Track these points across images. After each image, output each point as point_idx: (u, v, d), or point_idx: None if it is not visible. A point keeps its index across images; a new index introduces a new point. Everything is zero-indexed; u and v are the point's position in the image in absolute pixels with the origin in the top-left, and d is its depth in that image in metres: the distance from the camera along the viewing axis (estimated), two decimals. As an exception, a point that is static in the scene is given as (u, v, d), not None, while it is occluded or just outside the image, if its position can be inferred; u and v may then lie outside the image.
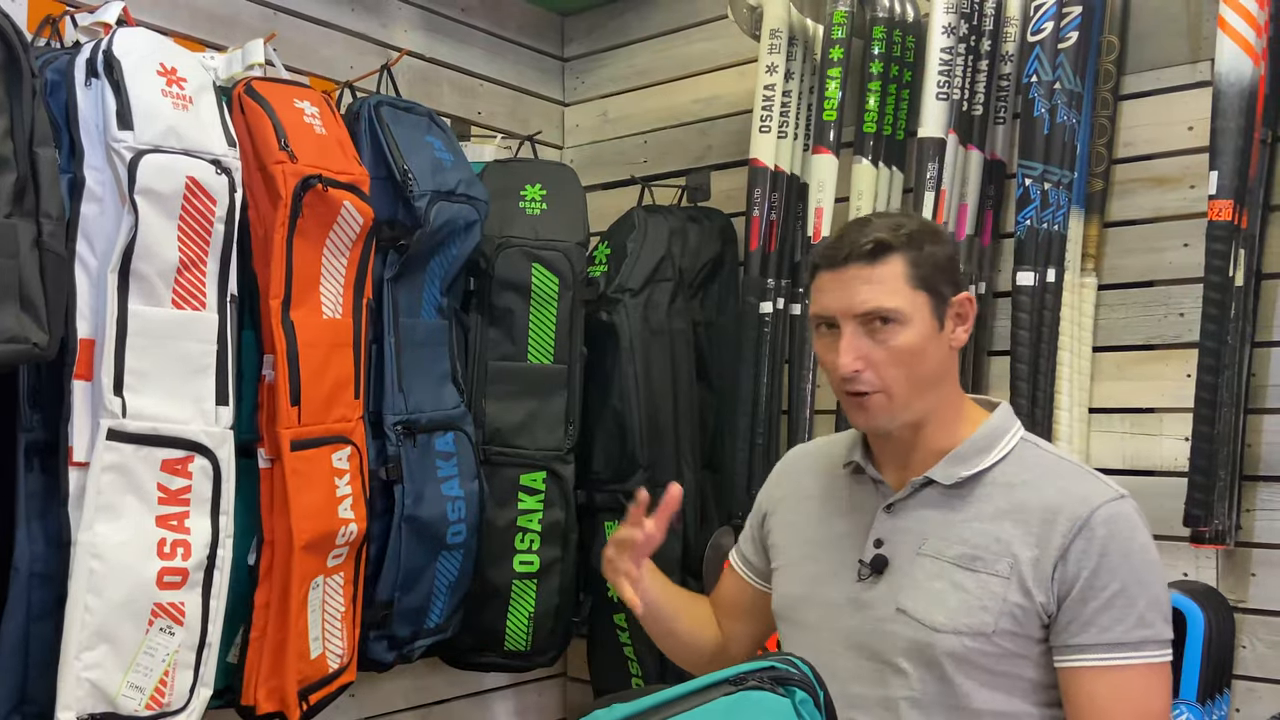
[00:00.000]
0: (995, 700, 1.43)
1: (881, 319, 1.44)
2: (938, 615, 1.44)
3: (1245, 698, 1.94)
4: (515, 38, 2.67)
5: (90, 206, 1.62)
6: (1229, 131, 1.79)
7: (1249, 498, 1.95)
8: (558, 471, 2.25)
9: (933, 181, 2.04)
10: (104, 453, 1.60)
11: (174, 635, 1.67)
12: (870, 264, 1.44)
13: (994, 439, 1.51)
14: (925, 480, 1.50)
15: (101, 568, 1.59)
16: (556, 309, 2.23)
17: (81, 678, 1.58)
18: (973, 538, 1.46)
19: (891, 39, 2.17)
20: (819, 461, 1.69)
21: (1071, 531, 1.41)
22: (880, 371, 1.45)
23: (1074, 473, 1.51)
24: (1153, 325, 2.06)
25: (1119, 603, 1.40)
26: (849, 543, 1.55)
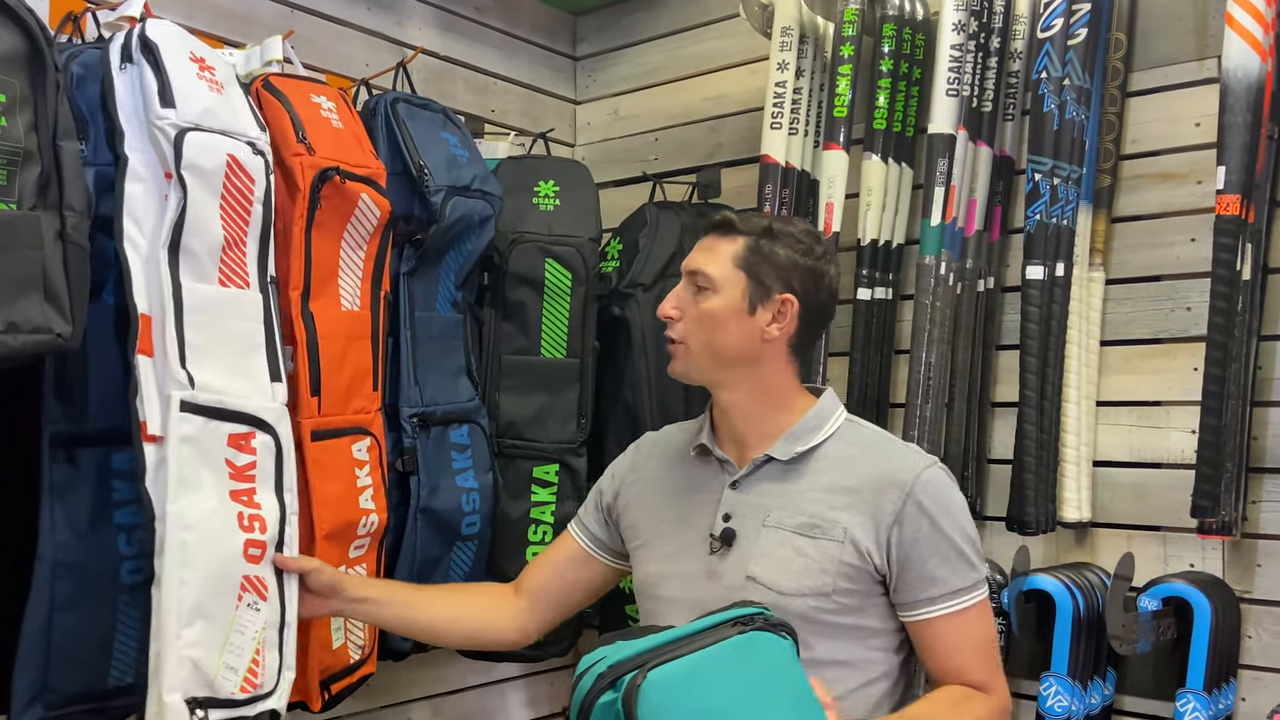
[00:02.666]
0: (839, 649, 1.61)
1: (697, 282, 1.65)
2: (784, 580, 1.60)
3: (1251, 687, 1.96)
4: (528, 36, 2.69)
5: (134, 186, 1.61)
6: (1236, 127, 1.81)
7: (1255, 490, 1.97)
8: (570, 464, 2.28)
9: (943, 177, 2.07)
10: (180, 424, 1.56)
11: (259, 612, 1.63)
12: (718, 237, 1.67)
13: (822, 419, 1.69)
14: (766, 458, 1.68)
15: (193, 539, 1.55)
16: (569, 303, 2.25)
17: (183, 656, 1.53)
18: (810, 507, 1.64)
19: (902, 36, 2.19)
20: (667, 448, 1.85)
21: (900, 499, 1.60)
22: (687, 326, 1.67)
23: (889, 445, 1.71)
24: (1160, 319, 2.08)
25: (952, 556, 1.60)
26: (700, 519, 1.71)
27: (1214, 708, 1.90)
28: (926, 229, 2.09)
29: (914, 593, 1.60)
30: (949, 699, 1.61)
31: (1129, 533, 2.09)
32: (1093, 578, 2.03)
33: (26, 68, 1.53)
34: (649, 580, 1.76)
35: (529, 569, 1.94)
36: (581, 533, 1.89)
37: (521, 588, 1.90)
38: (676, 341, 1.69)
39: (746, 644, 1.37)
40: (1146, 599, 1.93)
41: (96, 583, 1.64)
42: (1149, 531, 2.07)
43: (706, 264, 1.65)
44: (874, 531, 1.60)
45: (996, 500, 2.18)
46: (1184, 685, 1.90)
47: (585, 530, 1.89)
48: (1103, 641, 1.97)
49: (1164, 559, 2.05)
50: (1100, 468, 2.12)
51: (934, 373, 2.09)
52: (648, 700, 1.25)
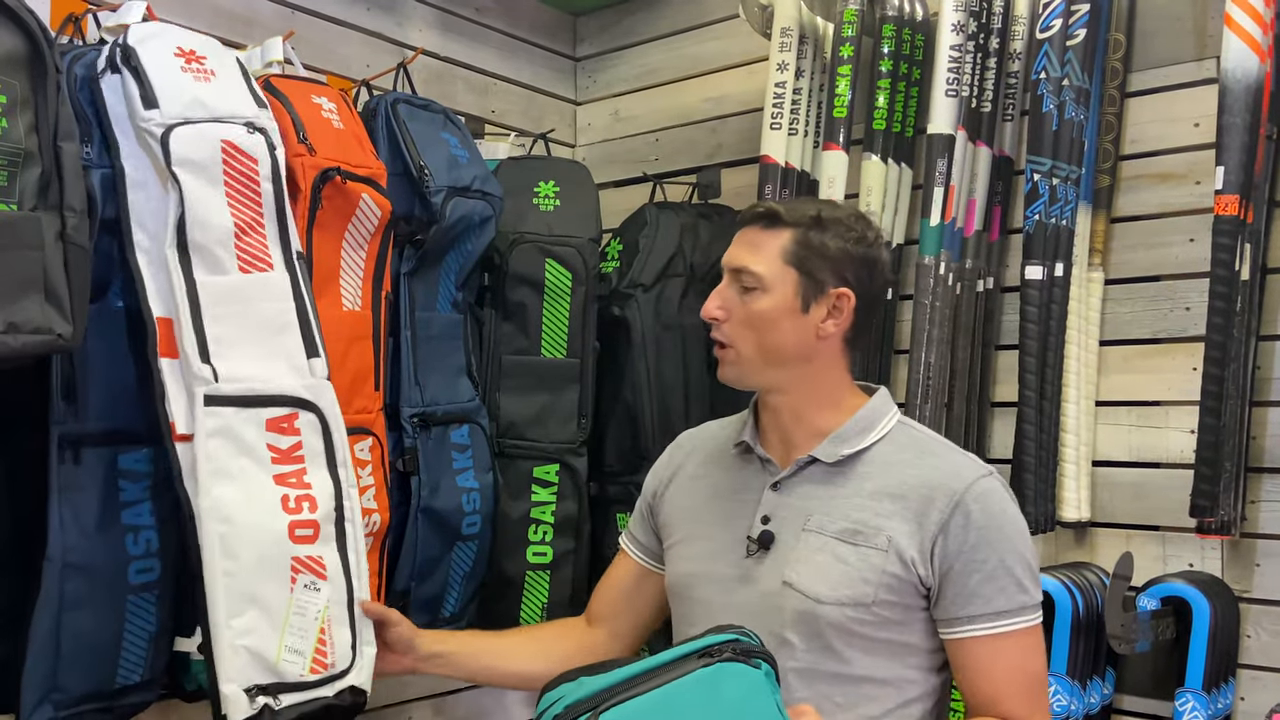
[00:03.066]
0: (876, 666, 1.52)
1: (747, 282, 1.55)
2: (821, 587, 1.51)
3: (1250, 686, 1.97)
4: (528, 37, 2.70)
5: (137, 194, 1.62)
6: (1235, 128, 1.82)
7: (1254, 489, 1.98)
8: (570, 464, 2.27)
9: (942, 177, 2.07)
10: (205, 419, 1.56)
11: (320, 591, 1.61)
12: (760, 230, 1.56)
13: (873, 420, 1.59)
14: (810, 459, 1.58)
15: (230, 530, 1.54)
16: (569, 304, 2.25)
17: (237, 646, 1.52)
18: (853, 513, 1.54)
19: (901, 37, 2.19)
20: (707, 444, 1.76)
21: (948, 509, 1.49)
22: (734, 328, 1.56)
23: (944, 452, 1.60)
24: (1159, 319, 2.08)
25: (999, 573, 1.49)
26: (738, 520, 1.62)
27: (1213, 707, 1.90)
28: (926, 229, 2.09)
29: (953, 609, 1.50)
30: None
31: (1128, 532, 2.09)
32: (1092, 577, 2.03)
33: (27, 69, 1.53)
34: (681, 581, 1.68)
35: (595, 597, 1.87)
36: (633, 546, 1.82)
37: (593, 618, 1.84)
38: (725, 345, 1.58)
39: (712, 676, 1.31)
40: (1145, 598, 1.94)
41: (104, 583, 1.64)
42: (1148, 531, 2.08)
43: (752, 261, 1.55)
44: (919, 541, 1.50)
45: (996, 500, 2.18)
46: (1183, 685, 1.90)
47: (636, 543, 1.82)
48: (1102, 641, 1.98)
49: (1163, 559, 2.05)
50: (1099, 467, 2.12)
51: (933, 373, 2.09)
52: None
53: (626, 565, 1.83)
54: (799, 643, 1.52)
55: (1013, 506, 1.55)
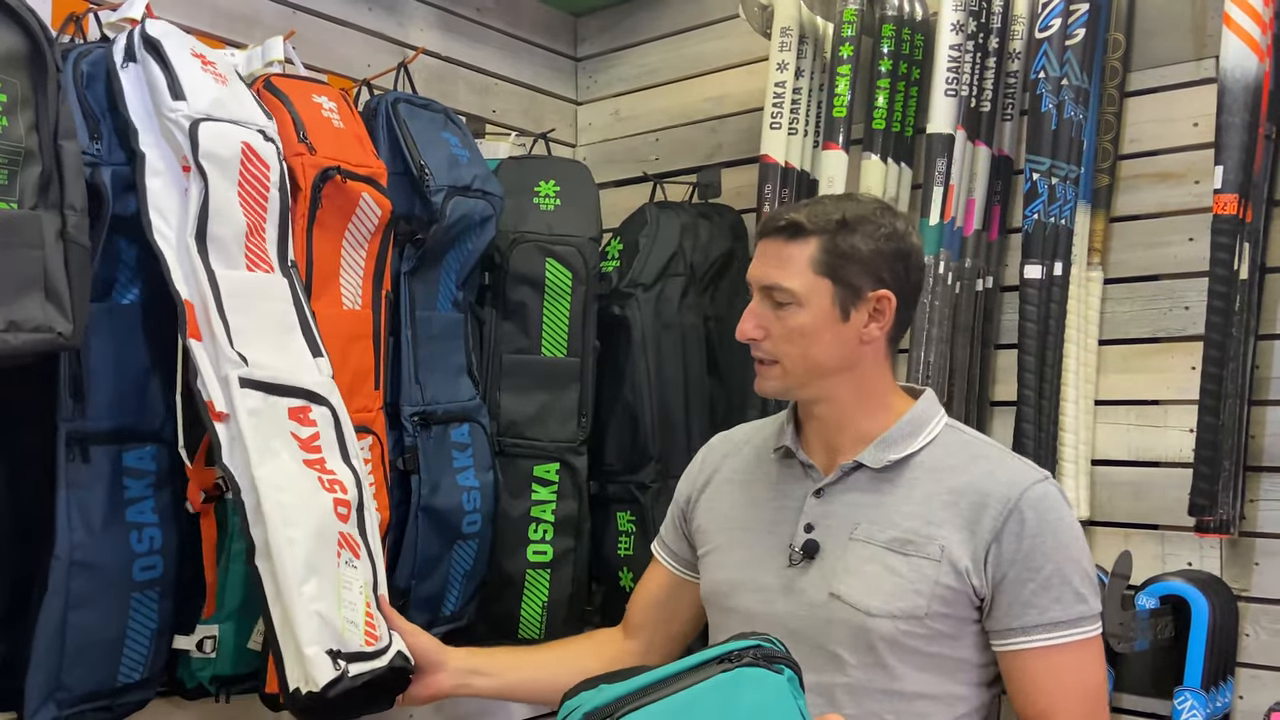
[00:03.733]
0: (928, 683, 1.47)
1: (779, 298, 1.50)
2: (872, 600, 1.46)
3: (1249, 685, 1.97)
4: (529, 37, 2.70)
5: (154, 180, 1.62)
6: (1234, 127, 1.82)
7: (1252, 488, 1.98)
8: (571, 463, 2.27)
9: (941, 177, 2.07)
10: (243, 399, 1.57)
11: (357, 569, 1.61)
12: (785, 242, 1.51)
13: (920, 424, 1.55)
14: (855, 465, 1.53)
15: (290, 499, 1.54)
16: (570, 303, 2.26)
17: (311, 610, 1.50)
18: (903, 521, 1.48)
19: (901, 37, 2.20)
20: (742, 448, 1.71)
21: (1002, 515, 1.44)
22: (776, 345, 1.51)
23: (998, 456, 1.54)
24: (1158, 318, 2.08)
25: (1055, 582, 1.43)
26: (779, 528, 1.57)
27: (1211, 705, 1.90)
28: (925, 228, 2.09)
29: (1007, 619, 1.45)
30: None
31: (1127, 531, 2.09)
32: (1092, 576, 2.04)
33: (28, 68, 1.54)
34: (719, 590, 1.63)
35: (631, 605, 1.82)
36: (666, 555, 1.79)
37: (629, 629, 1.81)
38: (768, 362, 1.53)
39: (731, 682, 1.27)
40: (1144, 597, 1.94)
41: (110, 580, 1.64)
42: (1147, 530, 2.08)
43: (782, 277, 1.49)
44: (973, 549, 1.45)
45: (995, 499, 2.18)
46: (1181, 683, 1.90)
47: (669, 551, 1.79)
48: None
49: (1162, 557, 2.05)
50: (1098, 466, 2.12)
51: (933, 371, 2.09)
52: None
53: (660, 574, 1.80)
54: (850, 658, 1.48)
55: (1070, 513, 1.49)
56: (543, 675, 1.73)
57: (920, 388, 1.61)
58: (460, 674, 1.67)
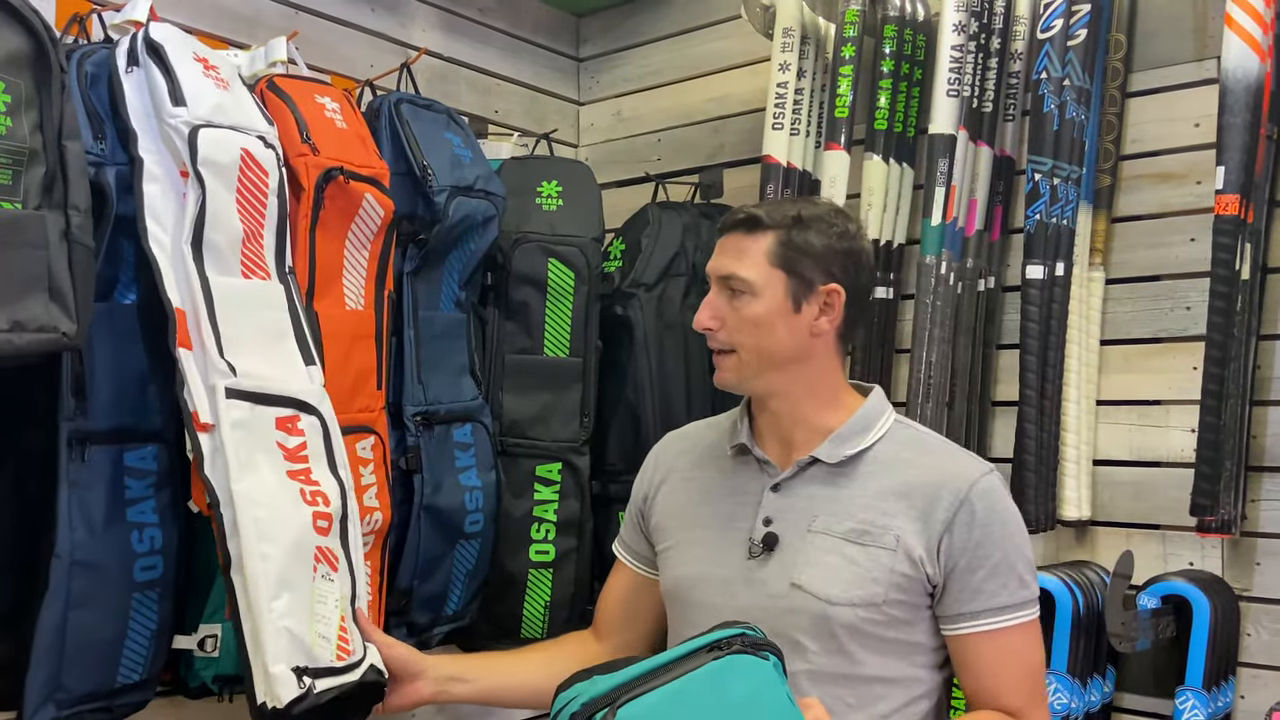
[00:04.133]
0: (886, 666, 1.54)
1: (733, 287, 1.57)
2: (833, 589, 1.52)
3: (1250, 684, 1.97)
4: (531, 38, 2.70)
5: (151, 186, 1.63)
6: (1236, 128, 1.82)
7: (1254, 488, 1.98)
8: (573, 463, 2.28)
9: (943, 177, 2.08)
10: (228, 410, 1.57)
11: (333, 582, 1.62)
12: (743, 235, 1.58)
13: (872, 420, 1.61)
14: (811, 459, 1.59)
15: (266, 514, 1.55)
16: (572, 303, 2.26)
17: (280, 627, 1.52)
18: (859, 513, 1.55)
19: (903, 37, 2.20)
20: (696, 445, 1.77)
21: (954, 506, 1.52)
22: (731, 334, 1.57)
23: (946, 450, 1.64)
24: (1159, 319, 2.09)
25: (1002, 570, 1.52)
26: (737, 522, 1.63)
27: (1213, 705, 1.90)
28: (927, 229, 2.10)
29: (957, 605, 1.53)
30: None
31: (1128, 531, 2.10)
32: (1092, 576, 2.04)
33: (32, 68, 1.54)
34: (680, 584, 1.68)
35: (599, 608, 1.87)
36: (628, 555, 1.84)
37: (599, 630, 1.85)
38: (724, 351, 1.60)
39: (722, 669, 1.33)
40: (1146, 597, 1.94)
41: (111, 580, 1.64)
42: (1148, 530, 2.08)
43: (739, 267, 1.56)
44: (926, 539, 1.52)
45: (997, 499, 2.18)
46: (1183, 683, 1.91)
47: (630, 550, 1.84)
48: (1102, 639, 1.98)
49: (1163, 557, 2.06)
50: (1100, 466, 2.13)
51: (935, 371, 2.10)
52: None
53: (624, 575, 1.84)
54: (811, 645, 1.53)
55: (1012, 504, 1.58)
56: (520, 680, 1.79)
57: (869, 385, 1.67)
58: (438, 681, 1.71)
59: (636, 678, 1.31)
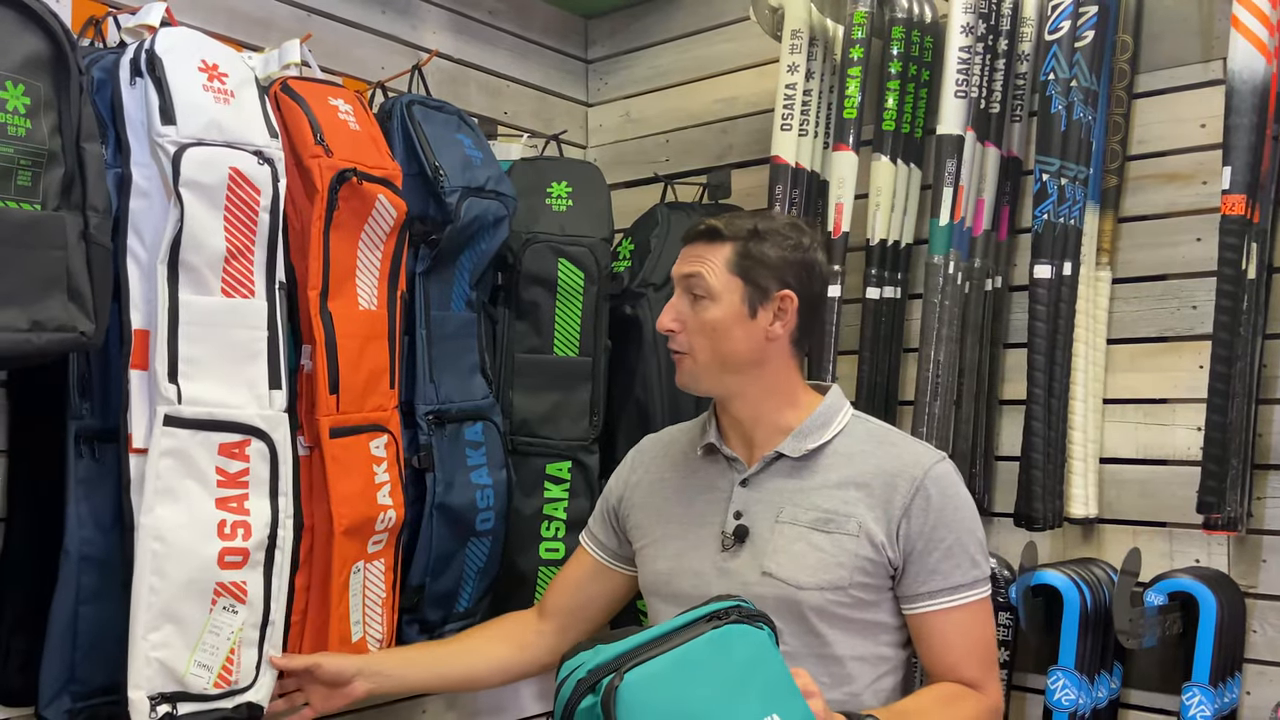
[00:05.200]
0: (854, 646, 1.65)
1: (695, 292, 1.68)
2: (801, 574, 1.64)
3: (1256, 681, 1.98)
4: (540, 40, 2.72)
5: (138, 202, 1.66)
6: (1242, 128, 1.83)
7: (1260, 486, 1.99)
8: (583, 461, 2.30)
9: (951, 177, 2.09)
10: (161, 438, 1.63)
11: (237, 614, 1.70)
12: (705, 244, 1.69)
13: (830, 416, 1.73)
14: (776, 455, 1.71)
15: (163, 549, 1.62)
16: (582, 303, 2.28)
17: (150, 657, 1.61)
18: (823, 503, 1.67)
19: (910, 39, 2.21)
20: (670, 448, 1.89)
21: (910, 492, 1.64)
22: (690, 337, 1.69)
23: (901, 440, 1.75)
24: (1165, 318, 2.09)
25: (956, 551, 1.64)
26: (710, 517, 1.75)
27: (1219, 701, 1.92)
28: (935, 229, 2.11)
29: (916, 585, 1.65)
30: (938, 696, 1.65)
31: (1135, 529, 2.11)
32: (1099, 573, 2.05)
33: (51, 71, 1.56)
34: (658, 578, 1.79)
35: (550, 590, 1.99)
36: (593, 544, 1.95)
37: (546, 611, 1.97)
38: (681, 353, 1.71)
39: (722, 638, 1.39)
40: (1153, 594, 1.95)
41: (118, 576, 1.67)
42: (1155, 527, 2.09)
43: (704, 274, 1.68)
44: (886, 524, 1.64)
45: (1003, 497, 2.20)
46: (1190, 679, 1.92)
47: (596, 541, 1.95)
48: (1109, 636, 2.00)
49: (1170, 554, 2.07)
50: (1107, 464, 2.14)
51: (943, 371, 2.11)
52: (624, 702, 1.28)
53: (585, 561, 1.96)
54: (783, 627, 1.61)
55: (964, 489, 1.70)
56: (451, 667, 1.93)
57: (827, 384, 1.79)
58: (373, 676, 1.83)
59: (639, 646, 1.36)
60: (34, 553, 1.72)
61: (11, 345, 1.49)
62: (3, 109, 1.50)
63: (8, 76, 1.51)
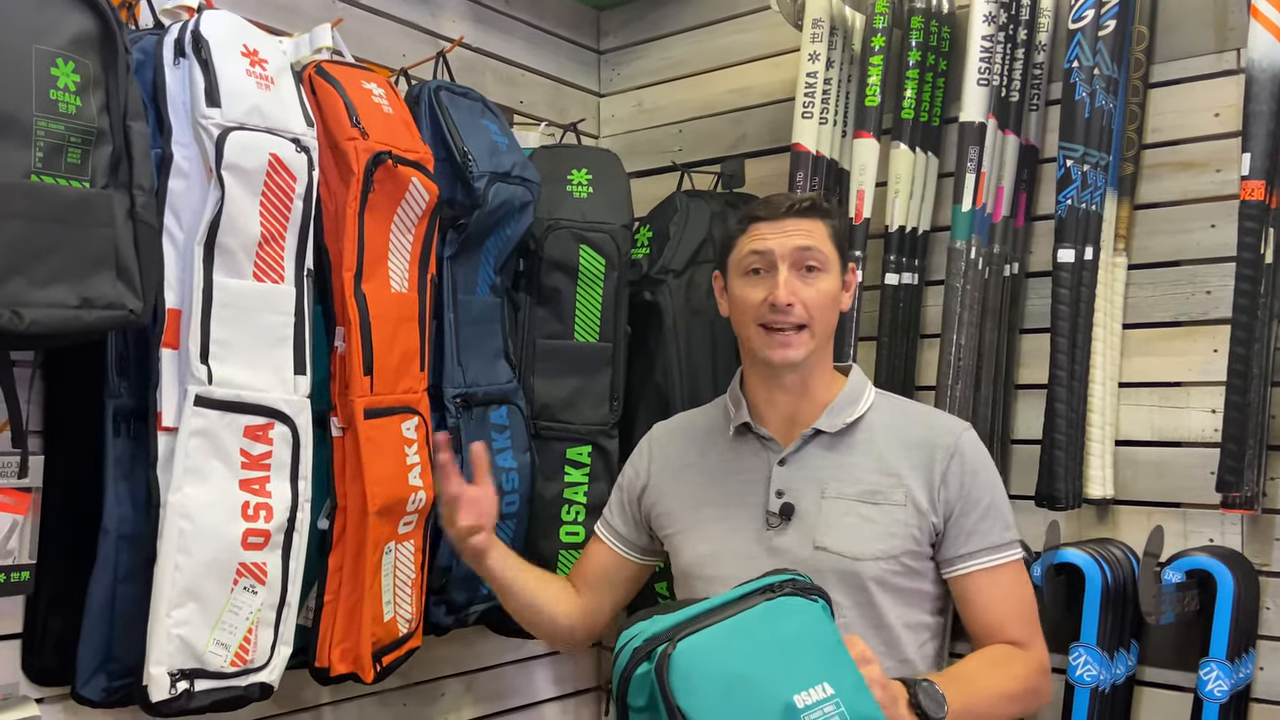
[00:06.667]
0: (903, 614, 1.69)
1: (811, 264, 1.70)
2: (856, 546, 1.67)
3: (1269, 657, 2.02)
4: (554, 29, 2.73)
5: (177, 182, 1.67)
6: (1261, 115, 1.87)
7: (1274, 467, 2.02)
8: (603, 445, 2.32)
9: (973, 164, 2.12)
10: (192, 418, 1.66)
11: (256, 594, 1.72)
12: (804, 218, 1.72)
13: (858, 392, 1.79)
14: (814, 432, 1.74)
15: (190, 528, 1.64)
16: (602, 289, 2.29)
17: (172, 634, 1.63)
18: (867, 476, 1.71)
19: (929, 29, 2.25)
20: (688, 432, 1.91)
21: (946, 458, 1.70)
22: (809, 310, 1.69)
23: (927, 412, 1.85)
24: (1180, 303, 2.13)
25: (991, 513, 1.71)
26: (749, 498, 1.76)
27: (1235, 676, 1.95)
28: (957, 214, 2.14)
29: (957, 547, 1.70)
30: (989, 658, 1.68)
31: (1150, 509, 2.14)
32: (1118, 553, 2.09)
33: (99, 49, 1.57)
34: (700, 562, 1.78)
35: (575, 575, 1.99)
36: (611, 537, 1.96)
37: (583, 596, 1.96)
38: (799, 327, 1.70)
39: (775, 609, 1.41)
40: (1171, 572, 1.99)
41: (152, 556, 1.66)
42: (1169, 508, 2.13)
43: (818, 244, 1.71)
44: (928, 491, 1.70)
45: (1019, 479, 2.23)
46: (1207, 654, 1.96)
47: (615, 533, 1.96)
48: (1128, 613, 2.04)
49: (1184, 534, 2.10)
50: (1122, 447, 2.17)
51: (963, 354, 2.14)
52: (678, 669, 1.31)
53: (602, 552, 1.96)
54: (843, 600, 1.66)
55: (989, 456, 1.77)
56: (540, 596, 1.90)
57: (848, 364, 1.84)
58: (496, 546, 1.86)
59: (694, 616, 1.39)
60: (70, 533, 1.73)
61: (62, 322, 1.50)
62: (54, 86, 1.51)
63: (58, 53, 1.52)
